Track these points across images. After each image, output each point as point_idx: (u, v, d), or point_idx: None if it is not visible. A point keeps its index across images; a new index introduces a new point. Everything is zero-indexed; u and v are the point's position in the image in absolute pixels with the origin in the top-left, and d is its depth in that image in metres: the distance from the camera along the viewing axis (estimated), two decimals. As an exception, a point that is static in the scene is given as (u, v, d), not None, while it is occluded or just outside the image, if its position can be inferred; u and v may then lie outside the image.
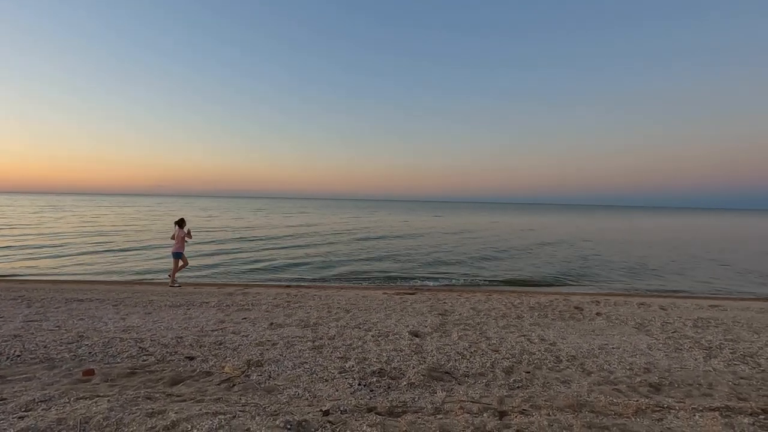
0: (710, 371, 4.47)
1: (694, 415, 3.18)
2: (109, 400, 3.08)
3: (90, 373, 3.87)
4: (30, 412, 2.85)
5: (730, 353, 5.14)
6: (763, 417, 3.19)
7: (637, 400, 3.50)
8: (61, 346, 4.73)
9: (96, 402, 3.06)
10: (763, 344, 5.57)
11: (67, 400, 3.11)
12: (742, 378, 4.27)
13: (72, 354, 4.48)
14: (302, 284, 12.06)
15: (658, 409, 3.32)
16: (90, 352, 4.55)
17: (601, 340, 5.67)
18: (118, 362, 4.31)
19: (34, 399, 3.10)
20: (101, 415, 2.76)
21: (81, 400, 3.11)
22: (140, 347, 4.78)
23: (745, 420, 3.08)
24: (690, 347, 5.37)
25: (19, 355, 4.35)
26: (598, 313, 7.48)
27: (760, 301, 10.53)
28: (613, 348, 5.26)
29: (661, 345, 5.46)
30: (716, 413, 3.21)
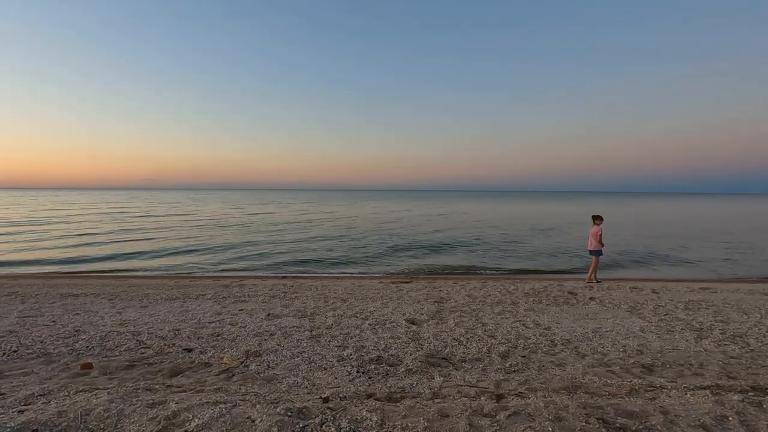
0: (701, 352, 4.57)
1: (686, 394, 3.26)
2: (109, 393, 3.09)
3: (88, 366, 3.87)
4: (30, 406, 2.85)
5: (720, 334, 5.25)
6: (752, 394, 3.27)
7: (631, 381, 3.58)
8: (57, 340, 4.72)
9: (96, 394, 3.06)
10: (752, 325, 5.69)
11: (67, 394, 3.11)
12: (731, 357, 4.37)
13: (69, 348, 4.47)
14: (298, 275, 12.08)
15: (651, 388, 3.39)
16: (87, 346, 4.54)
17: (594, 323, 5.76)
18: (116, 355, 4.30)
19: (33, 393, 3.09)
20: (102, 407, 2.76)
21: (80, 393, 3.12)
22: (138, 340, 4.78)
23: (735, 397, 3.16)
24: (681, 329, 5.48)
25: (15, 351, 4.33)
26: (591, 298, 7.59)
27: (749, 282, 10.74)
28: (606, 331, 5.35)
29: (653, 327, 5.56)
30: (707, 391, 3.29)
